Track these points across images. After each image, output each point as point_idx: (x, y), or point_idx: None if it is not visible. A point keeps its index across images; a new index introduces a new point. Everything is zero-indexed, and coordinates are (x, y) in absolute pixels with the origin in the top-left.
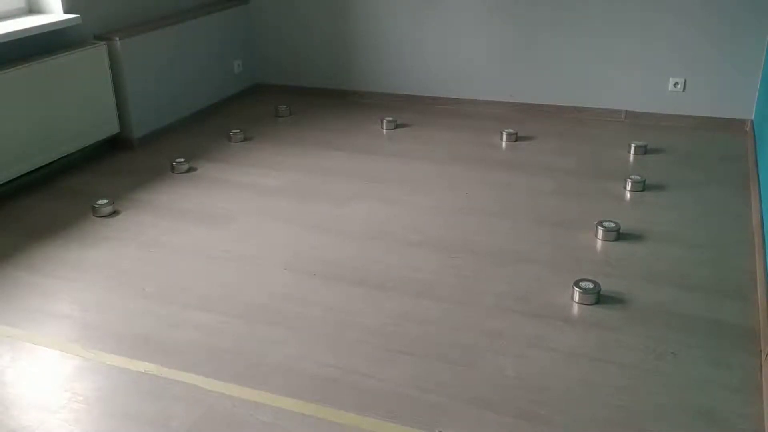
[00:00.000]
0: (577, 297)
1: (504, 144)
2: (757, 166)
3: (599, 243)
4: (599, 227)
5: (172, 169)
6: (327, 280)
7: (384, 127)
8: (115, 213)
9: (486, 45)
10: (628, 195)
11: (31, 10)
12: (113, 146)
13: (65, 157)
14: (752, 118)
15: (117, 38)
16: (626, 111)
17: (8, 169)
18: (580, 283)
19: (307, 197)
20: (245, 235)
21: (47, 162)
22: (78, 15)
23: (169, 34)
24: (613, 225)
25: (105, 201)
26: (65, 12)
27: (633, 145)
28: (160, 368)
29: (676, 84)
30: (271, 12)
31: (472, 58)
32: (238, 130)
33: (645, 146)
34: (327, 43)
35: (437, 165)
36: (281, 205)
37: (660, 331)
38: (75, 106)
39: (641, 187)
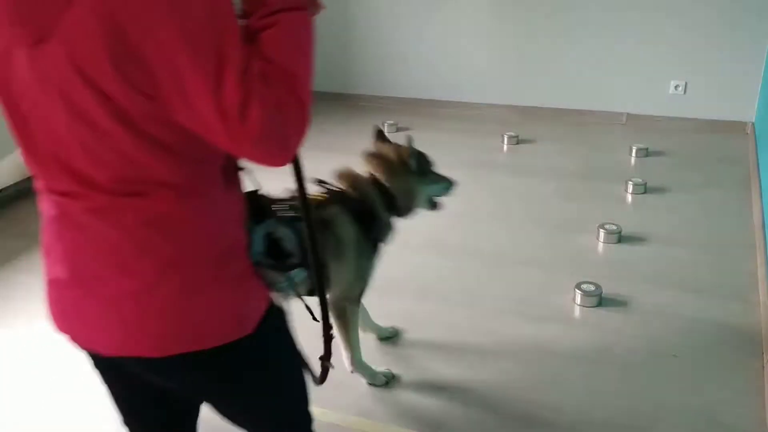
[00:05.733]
0: (578, 299)
1: (505, 147)
2: (758, 168)
3: (601, 245)
4: (601, 230)
5: None
6: None
7: (385, 131)
8: None
9: (487, 48)
10: (629, 197)
11: None
12: None
13: None
14: (753, 120)
15: None
16: (627, 114)
17: (10, 173)
18: (582, 286)
19: None
20: None
21: None
22: None
23: None
24: (614, 227)
25: None
26: None
27: (634, 147)
28: None
29: (677, 87)
30: None
31: (474, 61)
32: None
33: (646, 149)
34: (328, 47)
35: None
36: None
37: (661, 334)
38: None
39: (642, 189)
